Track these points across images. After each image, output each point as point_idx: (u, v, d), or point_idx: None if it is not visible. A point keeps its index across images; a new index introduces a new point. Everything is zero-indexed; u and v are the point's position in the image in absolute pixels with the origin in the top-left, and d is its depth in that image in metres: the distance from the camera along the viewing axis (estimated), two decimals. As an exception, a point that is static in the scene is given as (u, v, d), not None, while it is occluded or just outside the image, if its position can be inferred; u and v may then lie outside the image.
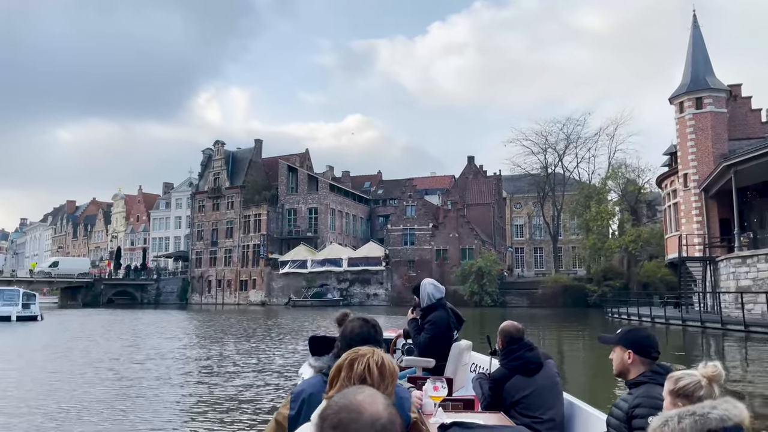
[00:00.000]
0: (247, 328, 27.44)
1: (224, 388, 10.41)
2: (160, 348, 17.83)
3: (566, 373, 11.64)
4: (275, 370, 12.70)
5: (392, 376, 1.85)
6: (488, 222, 63.92)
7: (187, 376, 12.17)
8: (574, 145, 63.33)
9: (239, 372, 12.50)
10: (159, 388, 10.46)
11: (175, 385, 10.88)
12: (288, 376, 11.53)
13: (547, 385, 3.77)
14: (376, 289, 58.10)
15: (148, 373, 12.53)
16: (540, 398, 3.70)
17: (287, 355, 15.90)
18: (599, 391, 9.80)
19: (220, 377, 11.79)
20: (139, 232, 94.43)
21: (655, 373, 2.65)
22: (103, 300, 65.33)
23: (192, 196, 73.66)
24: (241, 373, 12.25)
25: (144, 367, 13.46)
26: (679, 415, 1.40)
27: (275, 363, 14.12)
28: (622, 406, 2.66)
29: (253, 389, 10.35)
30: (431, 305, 5.19)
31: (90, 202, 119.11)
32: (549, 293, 51.96)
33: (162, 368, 13.17)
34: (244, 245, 66.57)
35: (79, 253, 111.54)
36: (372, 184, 79.06)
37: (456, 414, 3.40)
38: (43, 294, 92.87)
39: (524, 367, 3.80)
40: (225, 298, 66.96)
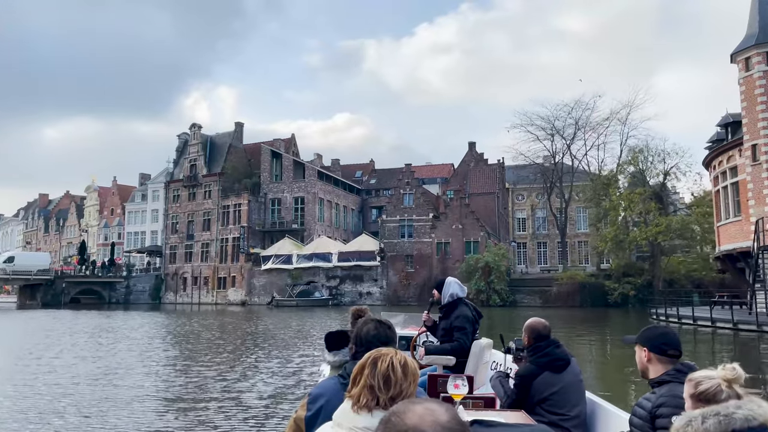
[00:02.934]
0: (217, 338, 21.18)
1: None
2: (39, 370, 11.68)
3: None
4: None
5: (414, 376, 1.84)
6: (492, 213, 58.10)
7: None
8: (582, 131, 58.25)
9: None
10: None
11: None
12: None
13: (574, 383, 3.73)
14: (370, 287, 52.01)
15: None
16: (567, 395, 3.65)
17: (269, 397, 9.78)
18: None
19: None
20: (113, 227, 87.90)
21: (678, 372, 2.61)
22: (65, 299, 58.73)
23: (166, 185, 67.05)
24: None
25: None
26: (702, 415, 1.37)
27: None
28: (646, 406, 2.64)
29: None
30: (452, 302, 5.18)
31: (63, 196, 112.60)
32: (564, 291, 46.33)
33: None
34: (222, 239, 60.18)
35: (51, 249, 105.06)
36: (364, 174, 72.95)
37: (477, 412, 3.35)
38: (8, 292, 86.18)
39: (553, 363, 3.75)
40: (202, 297, 60.61)
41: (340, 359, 2.96)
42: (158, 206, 76.76)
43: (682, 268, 45.80)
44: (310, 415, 2.26)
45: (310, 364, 13.24)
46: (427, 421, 1.08)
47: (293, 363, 13.59)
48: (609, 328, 27.62)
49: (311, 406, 2.30)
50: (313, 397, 2.33)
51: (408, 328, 7.06)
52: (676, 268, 45.80)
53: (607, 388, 9.67)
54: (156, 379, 11.50)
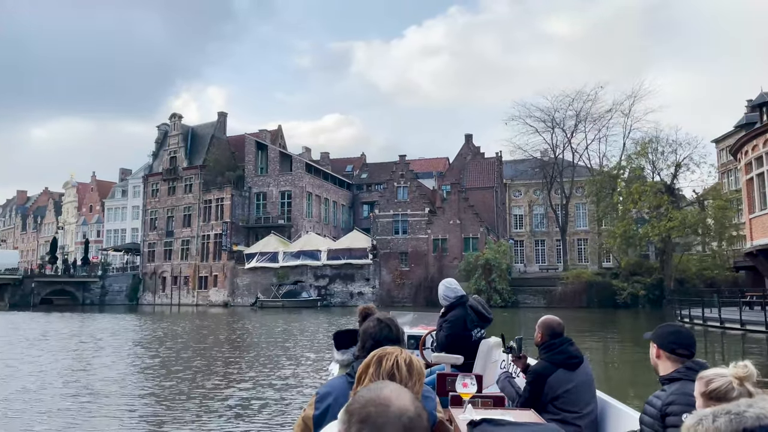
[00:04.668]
0: (186, 353, 17.70)
1: None
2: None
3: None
4: None
5: (419, 375, 1.83)
6: (490, 209, 54.93)
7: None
8: (583, 124, 55.51)
9: None
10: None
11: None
12: None
13: (587, 381, 3.72)
14: (362, 286, 48.60)
15: None
16: (580, 394, 3.64)
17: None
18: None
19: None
20: (92, 224, 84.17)
21: (689, 370, 2.60)
22: (35, 300, 54.81)
23: (144, 179, 63.15)
24: None
25: None
26: (713, 414, 1.33)
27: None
28: (656, 404, 2.62)
29: None
30: (451, 304, 5.23)
31: (41, 193, 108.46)
32: (570, 291, 43.32)
33: None
34: (204, 235, 56.47)
35: (28, 247, 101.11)
36: (355, 168, 69.47)
37: (485, 410, 3.35)
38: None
39: (568, 361, 3.72)
40: (182, 297, 56.87)
41: (348, 358, 2.95)
42: (139, 202, 73.06)
43: (693, 267, 43.16)
44: (318, 414, 2.25)
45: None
46: (403, 398, 1.11)
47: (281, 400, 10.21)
48: (620, 330, 26.17)
49: (319, 404, 2.29)
50: (321, 395, 2.32)
51: (417, 327, 6.86)
52: (687, 266, 43.15)
53: (616, 391, 7.98)
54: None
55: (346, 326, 18.48)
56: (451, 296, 5.23)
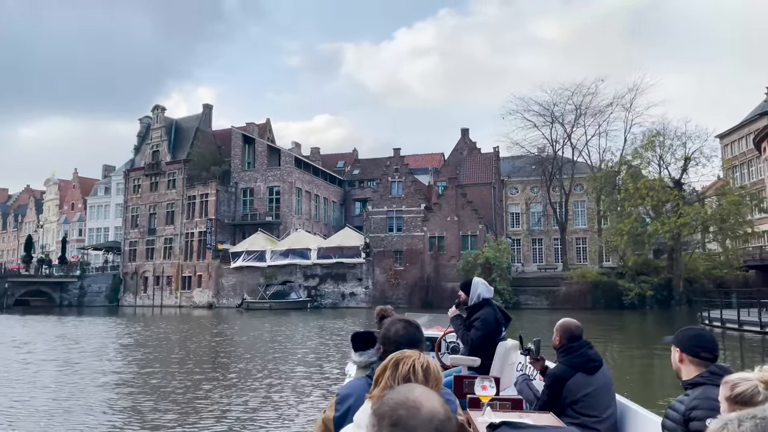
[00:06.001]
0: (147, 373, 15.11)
1: None
2: None
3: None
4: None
5: (437, 380, 1.81)
6: (488, 206, 52.52)
7: None
8: (583, 118, 53.44)
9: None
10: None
11: None
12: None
13: (606, 385, 3.65)
14: (354, 287, 46.03)
15: None
16: (599, 397, 3.58)
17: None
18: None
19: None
20: (74, 222, 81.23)
21: (712, 374, 2.56)
22: (8, 302, 51.75)
23: (126, 175, 60.16)
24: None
25: None
26: (738, 418, 1.32)
27: None
28: (679, 408, 2.59)
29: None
30: (478, 303, 5.11)
31: (23, 191, 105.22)
32: (574, 292, 41.14)
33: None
34: (188, 233, 53.64)
35: (8, 246, 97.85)
36: (347, 164, 66.86)
37: (504, 413, 3.29)
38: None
39: (587, 364, 3.67)
40: (164, 298, 54.05)
41: (366, 359, 2.99)
42: (122, 200, 70.33)
43: (701, 266, 41.18)
44: (338, 416, 2.24)
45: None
46: (433, 400, 1.10)
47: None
48: (632, 332, 25.29)
49: (339, 406, 2.28)
50: (342, 397, 2.32)
51: (432, 328, 6.53)
52: (695, 265, 41.15)
53: (633, 395, 6.49)
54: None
55: (341, 330, 15.72)
56: (487, 296, 5.14)
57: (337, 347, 17.24)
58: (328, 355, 15.05)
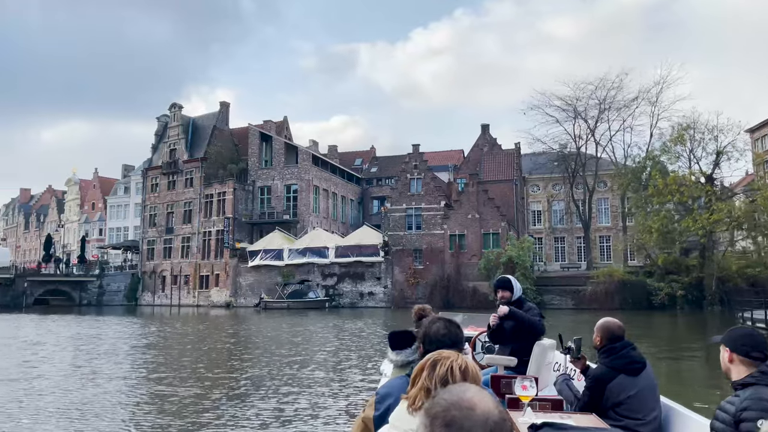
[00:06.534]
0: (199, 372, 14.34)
1: None
2: None
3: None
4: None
5: (476, 381, 1.76)
6: (510, 203, 51.28)
7: None
8: (607, 113, 51.82)
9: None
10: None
11: None
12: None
13: (650, 386, 3.55)
14: (372, 286, 45.12)
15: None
16: (643, 400, 3.49)
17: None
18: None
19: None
20: (94, 222, 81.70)
21: (763, 374, 2.51)
22: (28, 301, 51.82)
23: (143, 173, 60.00)
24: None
25: None
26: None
27: None
28: (729, 410, 2.51)
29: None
30: (518, 300, 4.98)
31: (45, 190, 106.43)
32: (601, 291, 39.67)
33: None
34: (205, 231, 53.22)
35: (31, 246, 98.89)
36: (364, 161, 65.98)
37: (545, 414, 3.24)
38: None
39: (629, 366, 3.57)
40: (182, 297, 53.70)
41: (403, 358, 2.96)
42: (141, 199, 70.42)
43: (733, 265, 39.49)
44: (378, 415, 2.26)
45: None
46: (488, 402, 1.08)
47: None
48: (662, 333, 24.54)
49: (379, 405, 2.29)
50: (381, 396, 2.33)
51: (467, 328, 6.22)
52: (727, 264, 39.48)
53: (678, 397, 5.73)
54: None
55: (361, 331, 14.69)
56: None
57: (358, 349, 16.34)
58: (349, 359, 14.14)
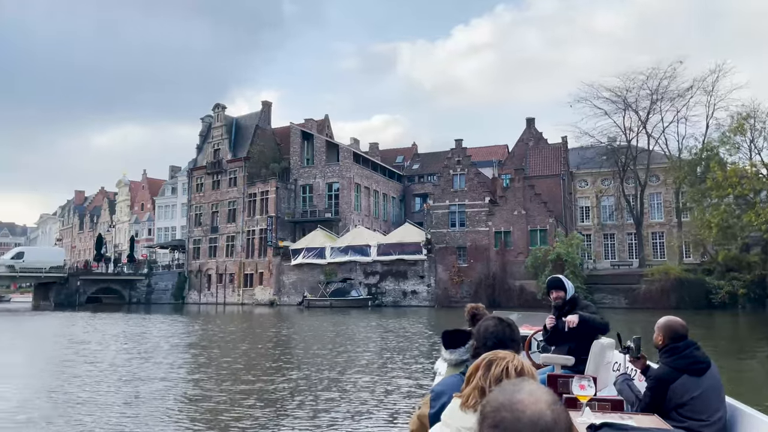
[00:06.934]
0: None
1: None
2: None
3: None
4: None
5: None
6: (557, 199, 49.54)
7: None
8: (659, 104, 49.29)
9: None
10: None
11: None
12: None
13: (715, 386, 3.44)
14: (415, 284, 44.38)
15: None
16: (707, 400, 3.36)
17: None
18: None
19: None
20: (143, 222, 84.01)
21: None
22: (81, 299, 53.37)
23: (189, 173, 61.00)
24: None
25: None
26: None
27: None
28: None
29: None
30: (573, 299, 4.96)
31: (98, 192, 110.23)
32: (656, 290, 37.77)
33: None
34: (249, 230, 53.62)
35: (85, 246, 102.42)
36: (406, 158, 65.24)
37: (604, 414, 3.18)
38: (16, 291, 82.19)
39: (693, 366, 3.47)
40: (227, 296, 54.31)
41: (457, 357, 2.98)
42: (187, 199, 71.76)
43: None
44: (433, 413, 2.28)
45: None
46: (541, 405, 1.04)
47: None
48: (724, 333, 23.44)
49: (434, 403, 2.32)
50: (436, 394, 2.36)
51: (522, 327, 5.91)
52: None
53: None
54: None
55: (405, 331, 13.94)
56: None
57: (403, 351, 15.65)
58: (393, 361, 13.47)
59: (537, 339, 5.72)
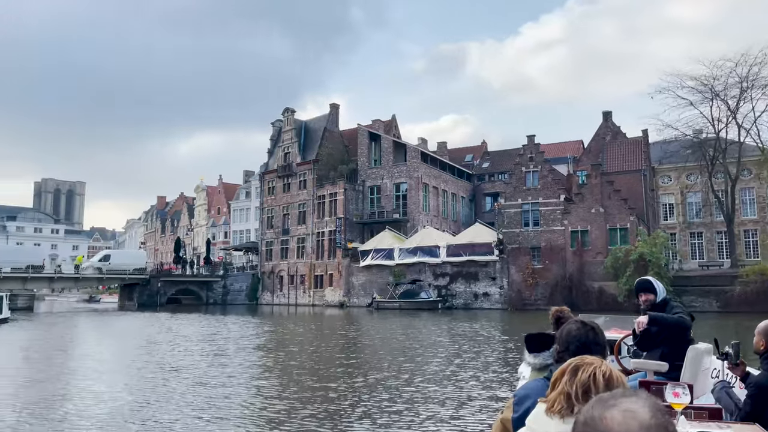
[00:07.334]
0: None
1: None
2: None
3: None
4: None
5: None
6: (638, 196, 46.71)
7: None
8: (750, 92, 45.23)
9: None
10: None
11: None
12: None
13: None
14: (487, 286, 43.04)
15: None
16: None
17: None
18: None
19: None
20: (220, 225, 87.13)
21: None
22: (162, 300, 55.66)
23: (260, 177, 62.40)
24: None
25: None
26: None
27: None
28: None
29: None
30: (663, 302, 4.68)
31: (178, 197, 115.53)
32: (752, 292, 34.63)
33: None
34: (318, 232, 54.08)
35: (166, 249, 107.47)
36: (475, 157, 63.77)
37: (701, 423, 3.05)
38: (103, 292, 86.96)
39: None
40: (299, 297, 55.02)
41: (541, 362, 2.96)
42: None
43: None
44: (516, 417, 2.26)
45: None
46: (631, 427, 0.98)
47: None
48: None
49: (517, 407, 2.29)
50: (520, 398, 2.32)
51: (610, 331, 5.88)
52: None
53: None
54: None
55: (477, 335, 13.04)
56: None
57: (476, 356, 14.78)
58: (466, 369, 12.64)
59: (627, 343, 5.46)
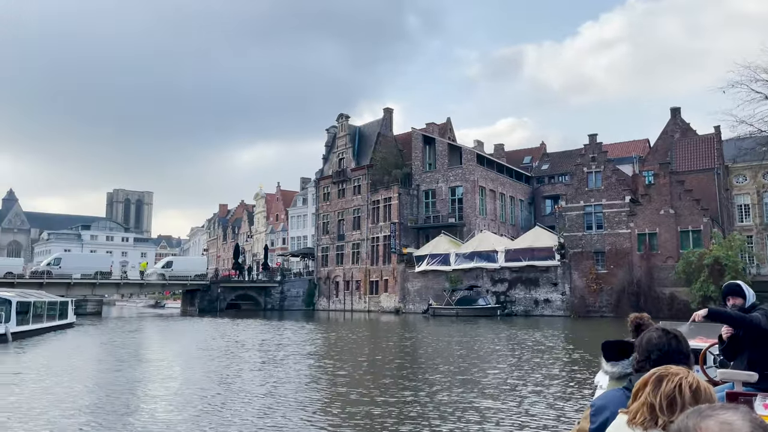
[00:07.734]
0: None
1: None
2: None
3: None
4: None
5: (708, 402, 1.54)
6: (711, 196, 43.76)
7: None
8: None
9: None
10: None
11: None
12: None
13: None
14: (548, 292, 41.31)
15: None
16: None
17: None
18: None
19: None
20: (278, 232, 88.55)
21: None
22: (221, 305, 56.74)
23: (316, 183, 62.77)
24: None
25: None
26: None
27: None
28: None
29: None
30: (753, 305, 4.47)
31: (238, 205, 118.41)
32: None
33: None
34: (373, 237, 53.72)
35: (228, 255, 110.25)
36: (534, 159, 61.83)
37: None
38: (168, 298, 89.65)
39: None
40: (354, 303, 54.78)
41: (620, 370, 2.86)
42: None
43: None
44: (594, 428, 2.21)
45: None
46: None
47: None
48: None
49: (594, 418, 2.23)
50: (597, 408, 2.26)
51: (694, 339, 5.58)
52: None
53: None
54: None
55: (538, 344, 11.86)
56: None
57: (539, 368, 13.76)
58: (527, 382, 11.69)
59: (713, 353, 5.19)
